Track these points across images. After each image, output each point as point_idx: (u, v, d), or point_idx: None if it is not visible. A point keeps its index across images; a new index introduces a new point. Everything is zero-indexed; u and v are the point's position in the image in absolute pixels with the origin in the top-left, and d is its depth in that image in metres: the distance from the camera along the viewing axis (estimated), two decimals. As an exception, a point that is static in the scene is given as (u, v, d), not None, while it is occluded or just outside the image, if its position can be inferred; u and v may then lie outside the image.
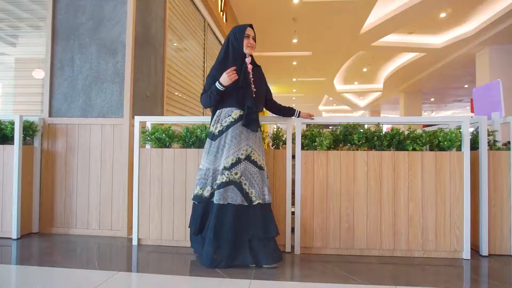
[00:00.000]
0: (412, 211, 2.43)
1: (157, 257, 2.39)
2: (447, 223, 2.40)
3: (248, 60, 2.29)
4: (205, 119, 2.71)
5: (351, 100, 19.13)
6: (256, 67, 2.38)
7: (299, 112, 2.52)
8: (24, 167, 2.84)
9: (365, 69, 13.07)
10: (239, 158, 2.20)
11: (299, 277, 2.07)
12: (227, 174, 2.16)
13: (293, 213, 2.55)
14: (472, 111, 12.55)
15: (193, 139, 2.64)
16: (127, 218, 2.89)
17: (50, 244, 2.67)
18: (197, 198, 2.25)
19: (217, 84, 2.20)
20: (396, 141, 2.48)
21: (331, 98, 19.13)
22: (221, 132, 2.24)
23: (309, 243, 2.48)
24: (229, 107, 2.26)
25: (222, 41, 6.55)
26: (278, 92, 16.97)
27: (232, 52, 2.30)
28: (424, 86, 13.86)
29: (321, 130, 2.58)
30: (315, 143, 2.51)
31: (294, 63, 11.58)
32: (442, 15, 7.59)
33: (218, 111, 2.30)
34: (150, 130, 2.71)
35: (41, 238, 2.82)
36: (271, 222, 2.21)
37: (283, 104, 2.56)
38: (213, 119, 2.30)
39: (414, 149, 2.46)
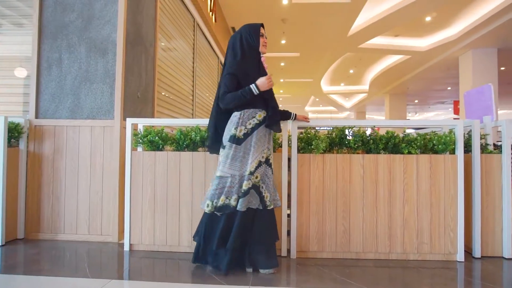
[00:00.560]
0: (408, 214, 2.44)
1: (151, 263, 2.33)
2: (441, 225, 2.43)
3: (263, 59, 2.26)
4: (200, 121, 2.65)
5: (337, 101, 19.32)
6: None
7: (295, 114, 2.50)
8: (9, 170, 2.72)
9: (351, 71, 13.22)
10: (260, 161, 2.16)
11: (297, 282, 2.04)
12: (252, 179, 2.11)
13: (288, 215, 2.53)
14: (455, 112, 12.86)
15: (187, 142, 2.58)
16: (118, 222, 2.81)
17: (36, 250, 2.56)
18: (224, 209, 2.10)
19: (252, 87, 2.12)
20: (392, 144, 2.49)
21: (317, 99, 19.28)
22: (246, 135, 2.15)
23: (305, 246, 2.46)
24: (253, 109, 2.19)
25: (212, 41, 6.49)
26: (265, 93, 16.95)
27: (248, 51, 2.24)
28: (408, 88, 14.12)
29: (317, 133, 2.57)
30: (311, 146, 2.50)
31: (282, 64, 11.60)
32: (427, 18, 7.74)
33: (238, 112, 2.18)
34: (142, 132, 2.64)
35: (27, 245, 2.70)
36: (276, 228, 2.20)
37: None
38: (234, 122, 2.17)
39: (409, 152, 2.47)
